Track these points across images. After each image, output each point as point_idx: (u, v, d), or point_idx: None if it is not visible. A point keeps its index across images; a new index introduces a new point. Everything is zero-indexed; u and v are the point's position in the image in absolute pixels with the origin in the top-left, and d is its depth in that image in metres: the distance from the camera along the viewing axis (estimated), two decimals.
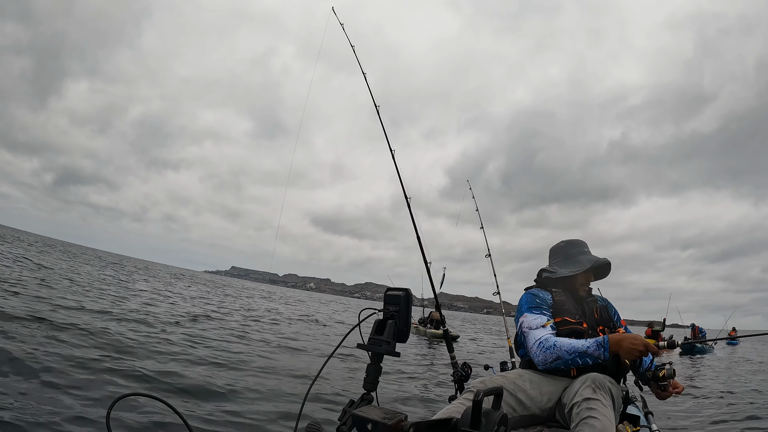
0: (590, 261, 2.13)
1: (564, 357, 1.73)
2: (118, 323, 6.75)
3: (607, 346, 1.68)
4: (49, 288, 9.06)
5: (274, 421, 3.43)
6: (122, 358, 4.55)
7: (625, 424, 1.86)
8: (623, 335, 1.71)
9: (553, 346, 1.76)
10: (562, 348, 1.73)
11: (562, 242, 2.30)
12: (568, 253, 2.22)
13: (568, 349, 1.72)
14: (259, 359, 6.10)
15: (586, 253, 2.20)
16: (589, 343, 1.71)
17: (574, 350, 1.71)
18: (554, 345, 1.76)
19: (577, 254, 2.19)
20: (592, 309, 2.06)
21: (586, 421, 1.41)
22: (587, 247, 2.24)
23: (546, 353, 1.76)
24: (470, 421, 0.94)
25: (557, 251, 2.27)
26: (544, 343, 1.78)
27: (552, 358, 1.75)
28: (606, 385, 1.54)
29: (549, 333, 1.84)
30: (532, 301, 2.01)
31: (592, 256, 2.18)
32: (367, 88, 3.60)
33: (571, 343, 1.74)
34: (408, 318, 1.43)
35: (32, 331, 4.90)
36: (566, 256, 2.21)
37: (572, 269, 2.12)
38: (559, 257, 2.23)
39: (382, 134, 3.40)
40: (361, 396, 1.43)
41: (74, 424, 2.54)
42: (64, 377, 3.52)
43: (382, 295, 1.48)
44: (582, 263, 2.12)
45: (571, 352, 1.72)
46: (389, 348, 1.40)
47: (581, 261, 2.14)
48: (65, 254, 31.14)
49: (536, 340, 1.82)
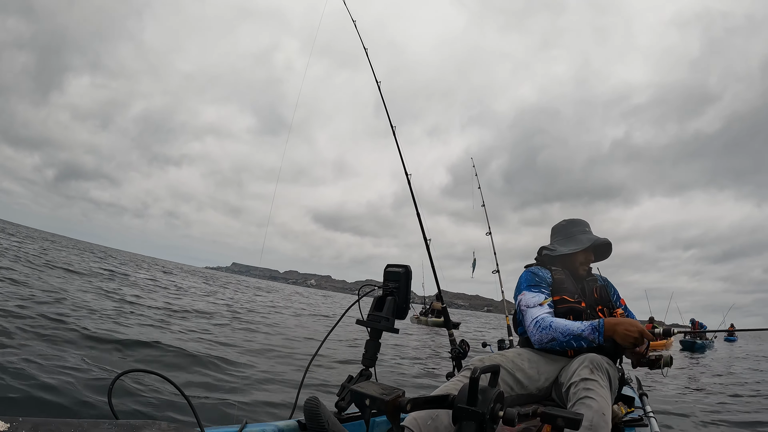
0: (590, 240, 2.12)
1: (559, 338, 1.73)
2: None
3: (602, 330, 1.67)
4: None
5: (274, 396, 3.49)
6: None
7: (620, 404, 1.88)
8: (619, 320, 1.70)
9: (549, 326, 1.76)
10: (557, 329, 1.73)
11: (563, 221, 2.29)
12: (569, 231, 2.21)
13: (563, 331, 1.72)
14: (261, 337, 6.19)
15: (587, 233, 2.19)
16: (584, 327, 1.70)
17: (569, 332, 1.71)
18: (550, 326, 1.76)
19: (578, 233, 2.18)
20: (591, 288, 2.06)
21: (583, 401, 1.42)
22: (588, 226, 2.24)
23: (542, 333, 1.77)
24: (467, 398, 0.94)
25: (558, 230, 2.28)
26: (541, 323, 1.79)
27: (547, 339, 1.76)
28: (603, 365, 1.54)
29: (546, 312, 1.84)
30: (531, 279, 2.01)
31: (592, 235, 2.18)
32: (368, 63, 3.52)
33: (566, 325, 1.73)
34: (407, 295, 1.43)
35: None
36: (567, 235, 2.21)
37: (572, 247, 2.11)
38: (560, 236, 2.23)
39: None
40: (360, 372, 1.45)
41: (77, 405, 2.57)
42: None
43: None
44: (582, 242, 2.12)
45: (566, 333, 1.72)
46: (388, 324, 1.41)
47: (581, 240, 2.14)
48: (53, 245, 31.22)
49: (533, 319, 1.82)
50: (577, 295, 1.97)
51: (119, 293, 8.36)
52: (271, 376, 4.09)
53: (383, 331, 1.59)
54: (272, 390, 3.61)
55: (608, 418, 1.39)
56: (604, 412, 1.39)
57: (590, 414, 1.36)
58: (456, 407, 0.96)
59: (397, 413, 0.98)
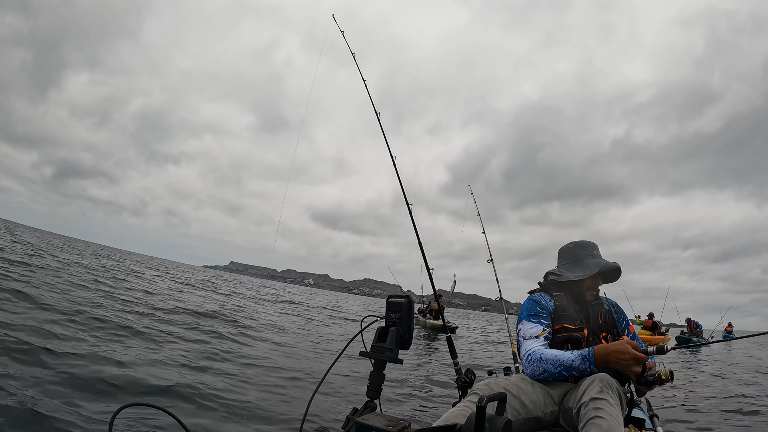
0: (598, 265, 2.02)
1: (550, 370, 1.71)
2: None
3: (593, 359, 1.65)
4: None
5: (275, 428, 3.42)
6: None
7: (630, 427, 1.85)
8: (610, 348, 1.65)
9: (539, 359, 1.74)
10: (548, 361, 1.72)
11: (570, 243, 2.19)
12: (577, 255, 2.12)
13: (554, 362, 1.70)
14: (263, 359, 6.08)
15: (596, 256, 2.10)
16: (574, 357, 1.68)
17: (560, 363, 1.70)
18: (540, 358, 1.74)
19: (586, 257, 2.09)
20: (596, 314, 1.99)
21: (593, 421, 1.40)
22: (597, 249, 2.14)
23: (533, 366, 1.75)
24: (474, 427, 0.94)
25: (565, 253, 2.18)
26: (532, 355, 1.77)
27: (539, 371, 1.74)
28: (614, 385, 1.53)
29: (539, 345, 1.81)
30: (532, 308, 1.96)
31: (601, 259, 2.09)
32: (368, 95, 3.62)
33: (556, 356, 1.71)
34: (410, 325, 1.43)
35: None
36: (574, 259, 2.12)
37: (579, 273, 2.03)
38: (567, 259, 2.15)
39: (385, 129, 3.42)
40: (365, 404, 1.43)
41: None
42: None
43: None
44: (590, 267, 2.03)
45: (556, 365, 1.70)
46: (392, 355, 1.40)
47: (589, 265, 2.05)
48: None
49: (525, 353, 1.81)
50: (579, 322, 1.92)
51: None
52: (273, 405, 4.01)
53: (387, 362, 1.58)
54: (274, 421, 3.54)
55: None
56: (615, 431, 1.37)
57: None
58: None
59: None
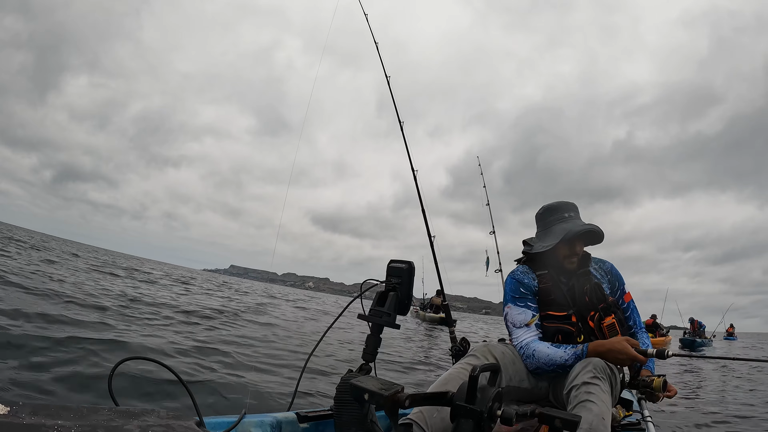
0: (564, 230, 1.77)
1: (543, 368, 1.67)
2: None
3: (586, 357, 1.60)
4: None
5: (273, 387, 3.51)
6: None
7: (618, 407, 1.87)
8: (607, 347, 1.58)
9: (532, 355, 1.68)
10: (540, 359, 1.66)
11: (541, 208, 1.93)
12: (546, 221, 1.88)
13: (546, 361, 1.65)
14: (265, 330, 6.21)
15: (565, 220, 1.83)
16: (567, 355, 1.62)
17: (553, 362, 1.65)
18: (533, 354, 1.68)
19: (554, 222, 1.85)
20: (582, 289, 1.80)
21: (584, 404, 1.41)
22: (570, 211, 1.86)
23: (526, 361, 1.70)
24: (465, 396, 0.94)
25: (537, 219, 1.95)
26: (525, 350, 1.70)
27: (532, 368, 1.70)
28: (607, 371, 1.52)
29: (530, 336, 1.72)
30: (516, 289, 1.82)
31: (569, 223, 1.81)
32: (379, 57, 3.52)
33: (549, 355, 1.65)
34: (410, 291, 1.42)
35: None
36: (545, 226, 1.89)
37: (545, 243, 1.82)
38: (540, 227, 1.93)
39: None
40: (360, 366, 1.45)
41: (75, 392, 2.58)
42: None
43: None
44: (555, 234, 1.79)
45: (549, 364, 1.65)
46: (389, 320, 1.40)
47: (555, 231, 1.81)
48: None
49: (517, 344, 1.74)
50: (565, 306, 1.78)
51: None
52: (268, 367, 4.11)
53: (384, 327, 1.59)
54: (270, 381, 3.63)
55: (608, 422, 1.38)
56: (604, 416, 1.38)
57: (590, 417, 1.35)
58: (454, 404, 0.96)
59: (395, 409, 0.98)
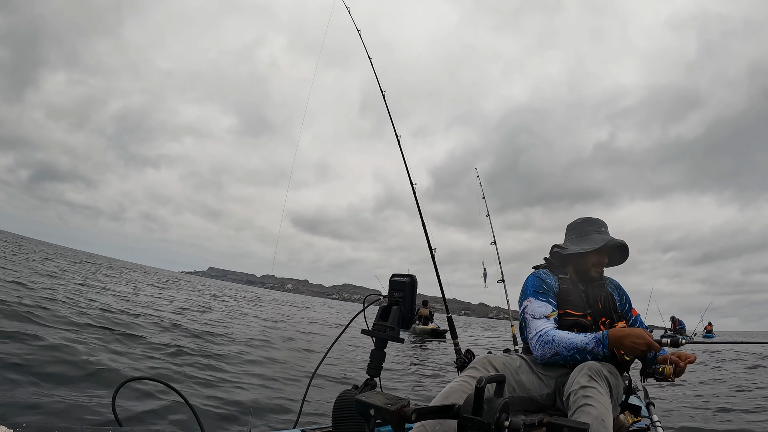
0: (604, 240, 1.97)
1: (562, 353, 1.68)
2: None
3: (606, 342, 1.63)
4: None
5: (278, 404, 3.48)
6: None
7: (627, 414, 1.86)
8: (626, 333, 1.62)
9: (551, 341, 1.69)
10: (560, 344, 1.68)
11: (579, 219, 2.15)
12: (583, 230, 2.08)
13: (567, 345, 1.67)
14: (265, 344, 6.18)
15: (603, 233, 2.05)
16: (588, 339, 1.65)
17: (573, 346, 1.66)
18: (553, 340, 1.69)
19: (592, 232, 2.05)
20: (597, 296, 1.94)
21: (583, 408, 1.41)
22: (605, 227, 2.09)
23: (545, 348, 1.71)
24: (472, 408, 0.94)
25: (572, 228, 2.14)
26: (544, 336, 1.72)
27: (550, 354, 1.70)
28: (602, 373, 1.52)
29: (550, 325, 1.76)
30: (539, 285, 1.91)
31: (607, 235, 2.03)
32: (374, 73, 3.57)
33: (569, 339, 1.68)
34: (413, 304, 1.43)
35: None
36: (581, 233, 2.07)
37: (584, 247, 1.98)
38: (574, 234, 2.11)
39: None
40: (365, 381, 1.45)
41: (79, 410, 2.57)
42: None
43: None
44: (595, 241, 1.98)
45: (569, 348, 1.67)
46: (393, 334, 1.41)
47: (594, 239, 2.00)
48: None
49: (536, 332, 1.75)
50: (582, 308, 1.89)
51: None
52: (273, 385, 4.08)
53: (388, 341, 1.59)
54: (276, 399, 3.60)
55: (608, 424, 1.38)
56: (604, 418, 1.37)
57: (589, 420, 1.35)
58: (461, 417, 0.95)
59: (402, 423, 0.98)
